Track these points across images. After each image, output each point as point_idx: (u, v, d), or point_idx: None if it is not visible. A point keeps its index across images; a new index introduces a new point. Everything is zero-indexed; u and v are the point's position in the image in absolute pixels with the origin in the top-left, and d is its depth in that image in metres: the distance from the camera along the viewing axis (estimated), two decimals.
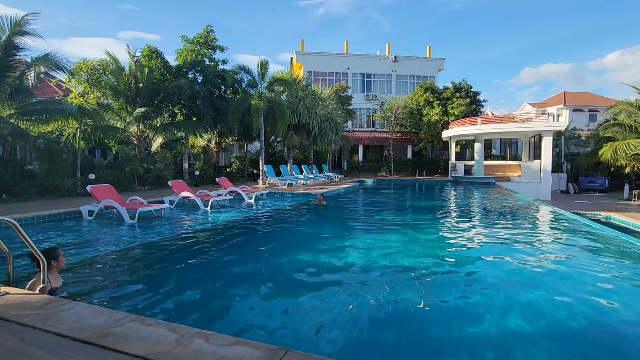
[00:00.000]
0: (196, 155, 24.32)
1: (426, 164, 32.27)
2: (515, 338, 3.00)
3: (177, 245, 6.28)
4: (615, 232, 7.18)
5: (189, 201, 10.97)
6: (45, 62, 12.14)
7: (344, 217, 10.20)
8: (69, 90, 17.63)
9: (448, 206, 12.68)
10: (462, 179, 23.89)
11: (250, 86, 19.82)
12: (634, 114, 19.53)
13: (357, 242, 6.60)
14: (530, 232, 7.81)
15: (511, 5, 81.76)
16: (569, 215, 9.39)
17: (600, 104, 36.33)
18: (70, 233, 7.07)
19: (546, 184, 20.48)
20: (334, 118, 22.96)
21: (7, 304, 2.55)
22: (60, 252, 3.67)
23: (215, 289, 4.11)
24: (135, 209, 8.24)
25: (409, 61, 36.12)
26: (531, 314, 3.40)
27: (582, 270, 4.78)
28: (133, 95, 16.77)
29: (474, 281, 4.41)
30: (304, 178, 19.00)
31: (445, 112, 28.29)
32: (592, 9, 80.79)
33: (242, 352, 1.89)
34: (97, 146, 20.07)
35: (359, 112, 34.96)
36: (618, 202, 17.92)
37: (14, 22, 11.28)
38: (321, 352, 2.65)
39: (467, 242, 6.88)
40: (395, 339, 2.93)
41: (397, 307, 3.56)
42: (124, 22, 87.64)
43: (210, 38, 18.99)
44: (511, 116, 23.01)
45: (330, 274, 4.60)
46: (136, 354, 1.86)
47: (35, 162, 14.54)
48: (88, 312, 2.44)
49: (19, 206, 9.90)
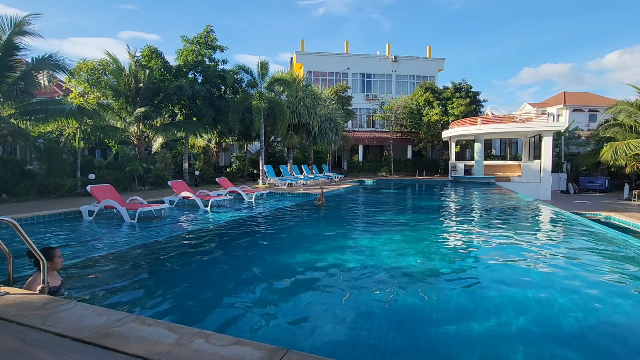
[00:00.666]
0: (196, 155, 24.32)
1: (426, 164, 32.27)
2: (515, 338, 2.99)
3: (177, 245, 6.28)
4: (615, 232, 7.17)
5: (189, 201, 10.98)
6: (46, 63, 12.15)
7: (344, 217, 10.20)
8: (69, 90, 17.62)
9: (448, 206, 12.67)
10: (462, 179, 23.89)
11: (250, 86, 19.82)
12: (634, 114, 19.52)
13: (357, 242, 6.60)
14: (530, 232, 7.81)
15: (510, 6, 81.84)
16: (569, 215, 9.39)
17: (600, 104, 36.33)
18: (70, 233, 7.07)
19: (546, 184, 20.48)
20: (334, 118, 22.96)
21: (7, 304, 2.55)
22: (57, 252, 3.58)
23: (215, 288, 4.11)
24: (135, 209, 8.24)
25: (409, 61, 36.12)
26: (531, 314, 3.40)
27: (582, 270, 4.78)
28: (133, 96, 16.78)
29: (474, 281, 4.41)
30: (304, 178, 19.00)
31: (445, 112, 28.28)
32: (591, 9, 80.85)
33: (242, 352, 1.89)
34: (97, 146, 20.08)
35: (359, 112, 34.96)
36: (618, 202, 17.92)
37: (15, 23, 11.29)
38: (321, 352, 2.65)
39: (467, 242, 6.87)
40: (395, 339, 2.93)
41: (398, 307, 3.56)
42: (124, 22, 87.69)
43: (210, 38, 18.99)
44: (511, 116, 23.00)
45: (330, 274, 4.59)
46: (136, 354, 1.86)
47: (35, 162, 14.54)
48: (88, 312, 2.44)
49: (19, 206, 9.90)
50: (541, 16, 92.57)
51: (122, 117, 16.76)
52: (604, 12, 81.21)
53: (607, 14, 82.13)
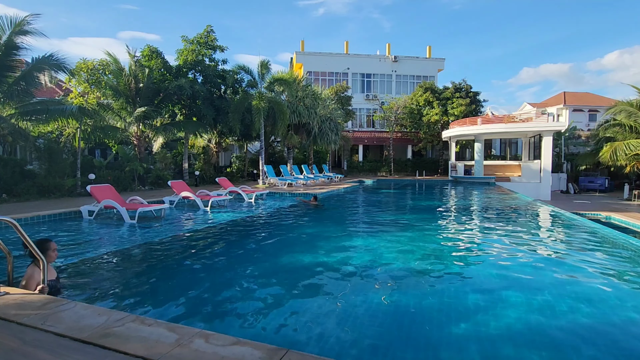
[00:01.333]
0: (196, 155, 24.32)
1: (426, 164, 32.27)
2: (514, 339, 2.99)
3: (176, 245, 6.28)
4: (615, 232, 7.17)
5: (189, 201, 10.97)
6: (47, 63, 12.15)
7: (344, 217, 10.20)
8: (69, 90, 17.62)
9: (448, 206, 12.67)
10: (462, 179, 23.90)
11: (250, 86, 19.83)
12: (633, 114, 19.53)
13: (357, 242, 6.60)
14: (530, 232, 7.81)
15: (510, 6, 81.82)
16: (568, 215, 9.39)
17: (600, 104, 36.33)
18: (70, 233, 7.07)
19: (546, 184, 20.48)
20: (334, 118, 22.97)
21: (7, 304, 2.55)
22: (53, 245, 3.48)
23: (215, 288, 4.11)
24: (135, 209, 8.24)
25: (409, 61, 36.12)
26: (530, 314, 3.40)
27: (581, 270, 4.78)
28: (133, 96, 16.77)
29: (474, 281, 4.41)
30: (304, 178, 19.01)
31: (445, 112, 28.29)
32: (591, 9, 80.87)
33: (242, 352, 1.89)
34: (97, 146, 20.07)
35: (359, 112, 34.96)
36: (618, 202, 17.92)
37: (15, 23, 11.29)
38: (321, 352, 2.65)
39: (467, 242, 6.87)
40: (395, 339, 2.93)
41: (398, 307, 3.56)
42: (124, 22, 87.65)
43: (210, 38, 18.99)
44: (511, 116, 23.01)
45: (330, 274, 4.59)
46: (136, 354, 1.86)
47: (35, 162, 14.54)
48: (88, 312, 2.44)
49: (19, 206, 9.90)
50: (541, 16, 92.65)
51: (122, 117, 16.76)
52: (603, 12, 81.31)
53: (606, 14, 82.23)
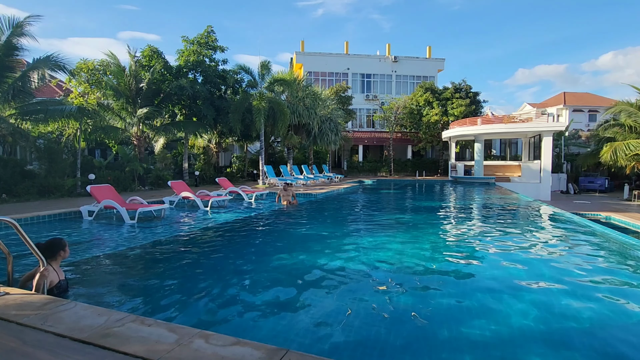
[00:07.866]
0: (196, 155, 24.33)
1: (426, 164, 32.28)
2: (514, 340, 2.99)
3: (176, 245, 6.27)
4: (615, 232, 7.17)
5: (189, 201, 10.97)
6: (47, 64, 12.16)
7: (344, 217, 10.19)
8: (69, 90, 17.64)
9: (448, 207, 12.67)
10: (462, 179, 23.89)
11: (251, 86, 19.83)
12: (633, 114, 19.53)
13: (357, 242, 6.60)
14: (530, 232, 7.80)
15: (508, 7, 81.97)
16: (568, 215, 9.39)
17: (600, 104, 36.36)
18: (70, 233, 7.07)
19: (546, 184, 20.48)
20: (334, 118, 22.97)
21: (7, 304, 2.55)
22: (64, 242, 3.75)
23: (214, 289, 4.11)
24: (135, 209, 8.24)
25: (408, 61, 36.13)
26: (530, 314, 3.40)
27: (581, 270, 4.77)
28: (133, 96, 16.78)
29: (474, 281, 4.41)
30: (304, 178, 19.02)
31: (445, 113, 28.30)
32: (586, 11, 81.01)
33: (242, 352, 1.89)
34: (97, 146, 20.08)
35: (359, 112, 34.97)
36: (618, 202, 17.92)
37: (15, 24, 11.30)
38: (321, 352, 2.65)
39: (467, 242, 6.87)
40: (395, 339, 2.93)
41: (398, 307, 3.56)
42: (124, 22, 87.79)
43: (210, 39, 19.01)
44: (511, 116, 23.01)
45: (330, 274, 4.59)
46: (136, 354, 1.86)
47: (35, 162, 14.55)
48: (88, 312, 2.44)
49: (19, 206, 9.90)
50: (536, 17, 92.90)
51: (123, 117, 16.76)
52: (598, 14, 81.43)
53: (601, 15, 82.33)
